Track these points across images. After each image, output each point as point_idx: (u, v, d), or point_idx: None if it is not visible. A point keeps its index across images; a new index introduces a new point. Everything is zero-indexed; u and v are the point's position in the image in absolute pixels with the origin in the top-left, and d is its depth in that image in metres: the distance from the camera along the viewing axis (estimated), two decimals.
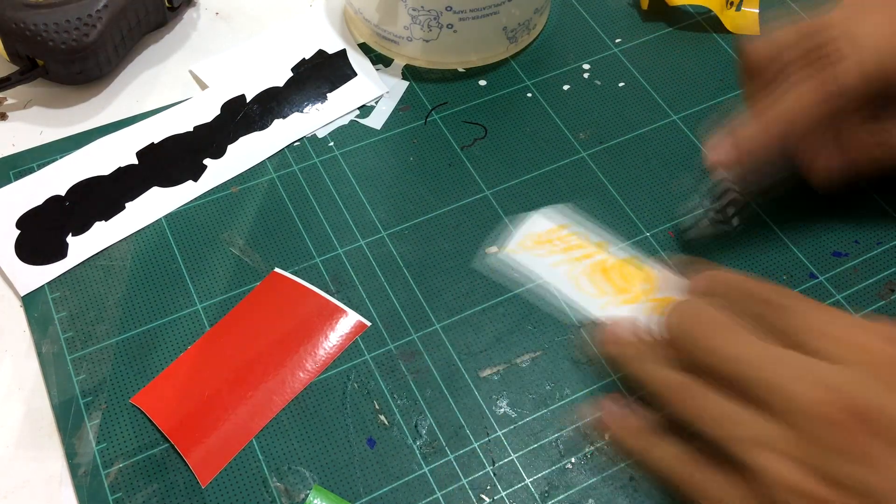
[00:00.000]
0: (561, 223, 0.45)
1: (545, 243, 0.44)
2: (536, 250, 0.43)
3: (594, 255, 0.43)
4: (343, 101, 0.50)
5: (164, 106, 0.49)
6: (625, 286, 0.42)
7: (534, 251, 0.43)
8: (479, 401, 0.39)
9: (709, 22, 0.54)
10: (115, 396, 0.39)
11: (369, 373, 0.40)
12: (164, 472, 0.37)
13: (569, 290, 0.42)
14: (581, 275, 0.43)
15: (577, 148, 0.48)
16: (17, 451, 0.38)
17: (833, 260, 0.44)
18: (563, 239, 0.44)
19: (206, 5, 0.55)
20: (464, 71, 0.52)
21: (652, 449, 0.35)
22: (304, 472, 0.37)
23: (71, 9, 0.47)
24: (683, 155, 0.48)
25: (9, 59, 0.49)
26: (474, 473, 0.37)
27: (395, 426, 0.38)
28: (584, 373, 0.40)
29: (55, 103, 0.50)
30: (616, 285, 0.42)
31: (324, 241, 0.44)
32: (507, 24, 0.50)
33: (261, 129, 0.49)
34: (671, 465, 0.34)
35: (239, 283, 0.43)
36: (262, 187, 0.46)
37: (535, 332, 0.41)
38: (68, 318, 0.41)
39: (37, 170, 0.46)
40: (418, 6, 0.48)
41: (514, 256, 0.43)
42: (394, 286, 0.43)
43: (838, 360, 0.32)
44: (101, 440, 0.38)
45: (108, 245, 0.44)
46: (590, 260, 0.43)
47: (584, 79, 0.51)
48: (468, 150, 0.48)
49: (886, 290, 0.43)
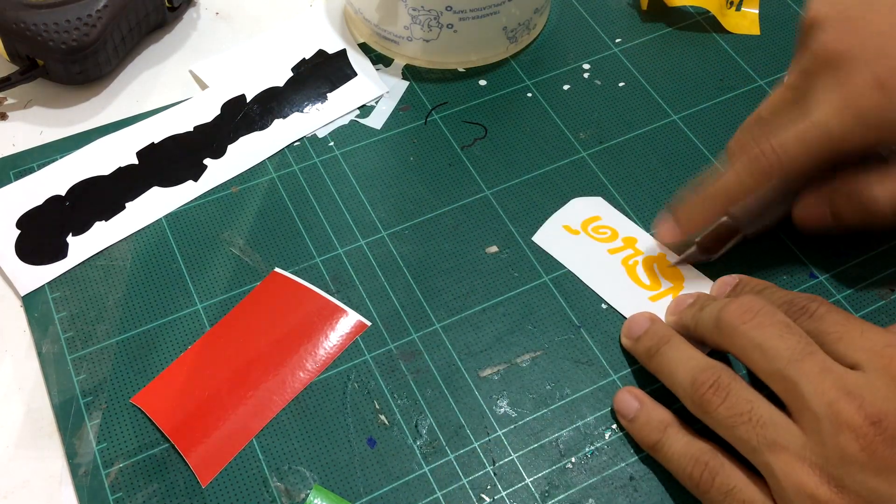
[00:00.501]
0: (593, 214, 0.45)
1: (576, 233, 0.44)
2: (567, 238, 0.44)
3: (624, 250, 0.44)
4: (343, 100, 0.50)
5: (164, 106, 0.49)
6: (653, 283, 0.42)
7: (564, 238, 0.44)
8: (479, 400, 0.39)
9: (709, 22, 0.54)
10: (116, 396, 0.39)
11: (369, 373, 0.40)
12: (164, 472, 0.37)
13: (595, 280, 0.43)
14: (611, 266, 0.43)
15: (577, 148, 0.48)
16: (17, 450, 0.38)
17: (833, 260, 0.44)
18: (596, 230, 0.44)
19: (206, 5, 0.55)
20: (464, 71, 0.52)
21: (671, 443, 0.35)
22: (305, 471, 0.37)
23: (71, 9, 0.47)
24: (683, 155, 0.48)
25: (9, 59, 0.49)
26: (474, 473, 0.37)
27: (396, 426, 0.38)
28: (584, 373, 0.40)
29: (55, 103, 0.50)
30: (640, 281, 0.43)
31: (324, 241, 0.44)
32: (507, 24, 0.50)
33: (261, 129, 0.49)
34: (689, 460, 0.35)
35: (239, 283, 0.43)
36: (262, 187, 0.46)
37: (535, 332, 0.41)
38: (68, 318, 0.41)
39: (37, 170, 0.46)
40: (418, 6, 0.48)
41: (543, 242, 0.44)
42: (394, 286, 0.43)
43: (860, 366, 0.32)
44: (101, 440, 0.38)
45: (108, 245, 0.44)
46: (620, 254, 0.43)
47: (585, 79, 0.51)
48: (468, 149, 0.48)
49: (886, 290, 0.43)
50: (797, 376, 0.32)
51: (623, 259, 0.43)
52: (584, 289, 0.43)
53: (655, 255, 0.43)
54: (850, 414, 0.31)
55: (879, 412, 0.31)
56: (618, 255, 0.43)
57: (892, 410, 0.31)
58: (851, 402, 0.31)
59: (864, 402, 0.31)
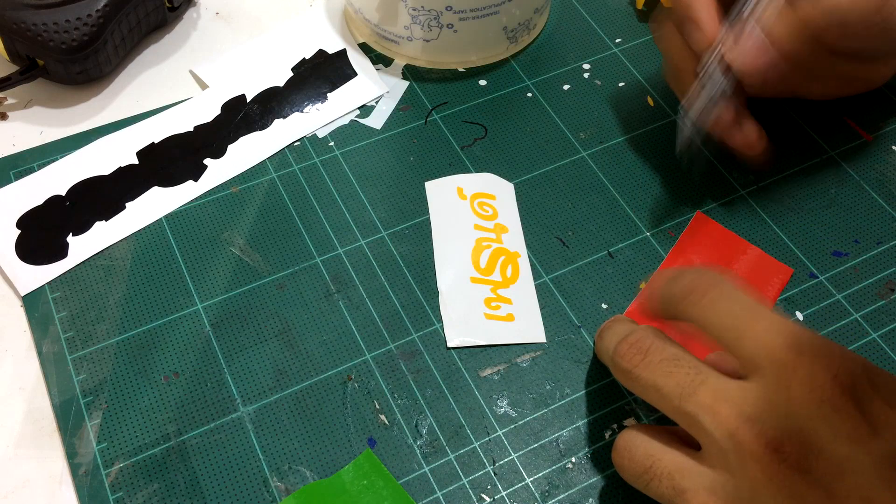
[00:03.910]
0: (491, 192, 0.46)
1: (463, 198, 0.45)
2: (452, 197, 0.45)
3: (488, 231, 0.44)
4: (343, 100, 0.50)
5: (164, 106, 0.50)
6: (485, 269, 0.43)
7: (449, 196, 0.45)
8: (479, 400, 0.39)
9: None
10: (116, 396, 0.39)
11: (369, 372, 0.40)
12: (164, 472, 0.37)
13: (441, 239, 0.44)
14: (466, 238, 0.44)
15: (577, 148, 0.48)
16: (18, 450, 0.38)
17: (833, 260, 0.44)
18: (481, 206, 0.45)
19: (206, 5, 0.55)
20: (464, 71, 0.52)
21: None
22: (305, 471, 0.37)
23: (71, 9, 0.47)
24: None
25: (9, 59, 0.49)
26: (475, 473, 0.37)
27: (396, 426, 0.38)
28: (584, 372, 0.40)
29: (55, 103, 0.50)
30: (476, 262, 0.43)
31: (324, 240, 0.44)
32: (507, 24, 0.50)
33: (261, 128, 0.49)
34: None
35: (239, 283, 0.43)
36: (262, 187, 0.46)
37: None
38: (69, 318, 0.41)
39: (37, 170, 0.46)
40: (418, 6, 0.48)
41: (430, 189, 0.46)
42: (394, 286, 0.43)
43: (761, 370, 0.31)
44: (101, 440, 0.38)
45: (108, 245, 0.44)
46: (482, 233, 0.44)
47: (585, 79, 0.51)
48: (468, 149, 0.48)
49: (886, 289, 0.43)
50: (694, 410, 0.31)
51: (480, 238, 0.44)
52: (583, 288, 0.43)
53: (511, 251, 0.44)
54: (750, 443, 0.30)
55: (779, 437, 0.29)
56: (479, 232, 0.44)
57: (793, 431, 0.29)
58: (751, 429, 0.30)
59: (763, 427, 0.30)
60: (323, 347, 0.41)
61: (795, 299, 0.43)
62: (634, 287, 0.43)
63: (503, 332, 0.41)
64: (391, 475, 0.37)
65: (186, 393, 0.39)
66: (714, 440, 0.31)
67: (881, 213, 0.46)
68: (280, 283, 0.43)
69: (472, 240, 0.44)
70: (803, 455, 0.29)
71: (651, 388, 0.33)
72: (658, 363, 0.33)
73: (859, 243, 0.45)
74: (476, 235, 0.44)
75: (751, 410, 0.30)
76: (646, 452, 0.33)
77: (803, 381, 0.30)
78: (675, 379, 0.32)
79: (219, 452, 0.38)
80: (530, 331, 0.41)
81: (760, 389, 0.30)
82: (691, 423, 0.32)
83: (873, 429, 0.29)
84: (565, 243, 0.44)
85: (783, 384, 0.30)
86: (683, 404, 0.32)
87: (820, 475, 0.29)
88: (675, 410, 0.32)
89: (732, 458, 0.30)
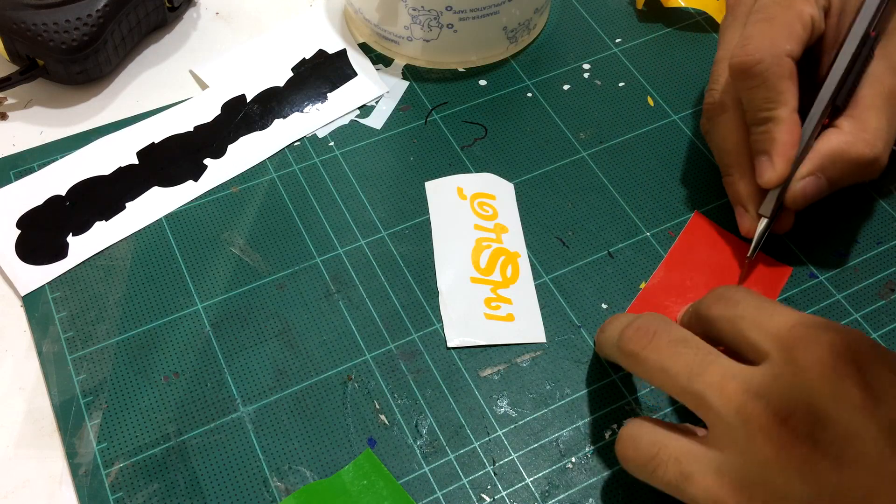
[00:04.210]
0: (490, 192, 0.46)
1: (463, 198, 0.45)
2: (452, 197, 0.45)
3: (489, 231, 0.44)
4: (343, 100, 0.50)
5: (164, 106, 0.50)
6: (485, 269, 0.43)
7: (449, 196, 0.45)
8: (479, 400, 0.39)
9: (709, 22, 0.54)
10: (116, 396, 0.39)
11: (369, 372, 0.40)
12: (164, 472, 0.37)
13: (441, 239, 0.44)
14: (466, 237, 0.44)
15: (577, 148, 0.48)
16: (18, 450, 0.38)
17: (833, 260, 0.44)
18: (481, 206, 0.45)
19: (206, 5, 0.55)
20: (464, 71, 0.52)
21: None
22: (305, 471, 0.37)
23: (71, 9, 0.47)
24: (683, 155, 0.48)
25: (9, 59, 0.49)
26: (475, 473, 0.37)
27: (396, 426, 0.38)
28: (584, 372, 0.40)
29: (55, 103, 0.50)
30: (476, 262, 0.43)
31: (324, 240, 0.44)
32: (507, 24, 0.50)
33: (261, 128, 0.49)
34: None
35: (239, 283, 0.43)
36: (262, 187, 0.46)
37: None
38: (68, 318, 0.41)
39: (37, 170, 0.46)
40: (418, 6, 0.48)
41: (430, 189, 0.46)
42: (394, 286, 0.43)
43: (768, 355, 0.31)
44: (101, 440, 0.38)
45: (108, 245, 0.44)
46: (482, 233, 0.44)
47: (585, 79, 0.51)
48: (468, 149, 0.48)
49: (886, 289, 0.43)
50: (702, 389, 0.31)
51: (480, 238, 0.44)
52: (583, 288, 0.43)
53: (511, 251, 0.44)
54: (758, 416, 0.30)
55: (786, 410, 0.30)
56: (479, 232, 0.44)
57: (800, 403, 0.30)
58: (758, 403, 0.30)
59: (769, 401, 0.30)
60: (323, 347, 0.41)
61: (795, 299, 0.43)
62: (634, 287, 0.43)
63: (503, 332, 0.41)
64: (391, 475, 0.37)
65: (186, 393, 0.39)
66: (721, 417, 0.31)
67: (881, 213, 0.46)
68: (280, 283, 0.43)
69: (472, 240, 0.44)
70: (811, 426, 0.29)
71: (658, 369, 0.33)
72: (666, 345, 0.33)
73: (859, 243, 0.45)
74: (476, 235, 0.44)
75: (757, 386, 0.31)
76: (651, 440, 0.33)
77: (808, 355, 0.30)
78: (683, 359, 0.33)
79: (219, 452, 0.38)
80: (530, 331, 0.41)
81: (767, 367, 0.31)
82: (699, 403, 0.32)
83: (878, 398, 0.29)
84: (565, 243, 0.44)
85: (789, 360, 0.31)
86: (691, 384, 0.32)
87: (828, 445, 0.29)
88: (683, 390, 0.32)
89: (740, 433, 0.30)
